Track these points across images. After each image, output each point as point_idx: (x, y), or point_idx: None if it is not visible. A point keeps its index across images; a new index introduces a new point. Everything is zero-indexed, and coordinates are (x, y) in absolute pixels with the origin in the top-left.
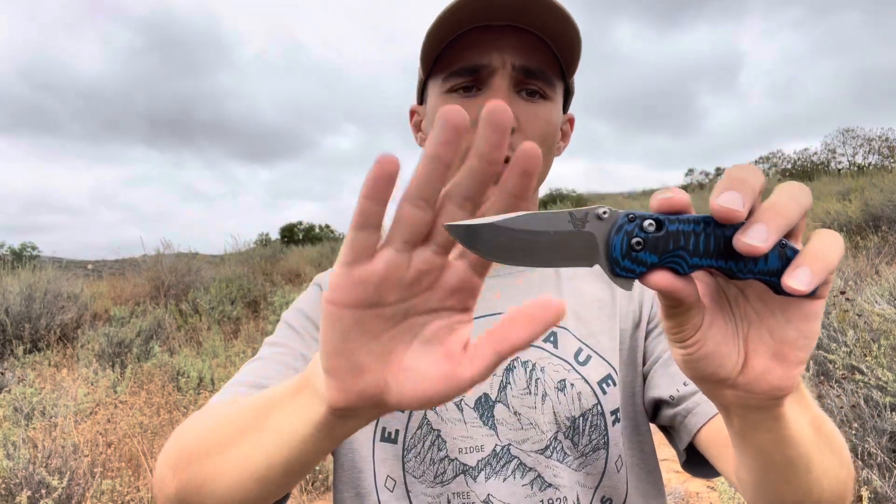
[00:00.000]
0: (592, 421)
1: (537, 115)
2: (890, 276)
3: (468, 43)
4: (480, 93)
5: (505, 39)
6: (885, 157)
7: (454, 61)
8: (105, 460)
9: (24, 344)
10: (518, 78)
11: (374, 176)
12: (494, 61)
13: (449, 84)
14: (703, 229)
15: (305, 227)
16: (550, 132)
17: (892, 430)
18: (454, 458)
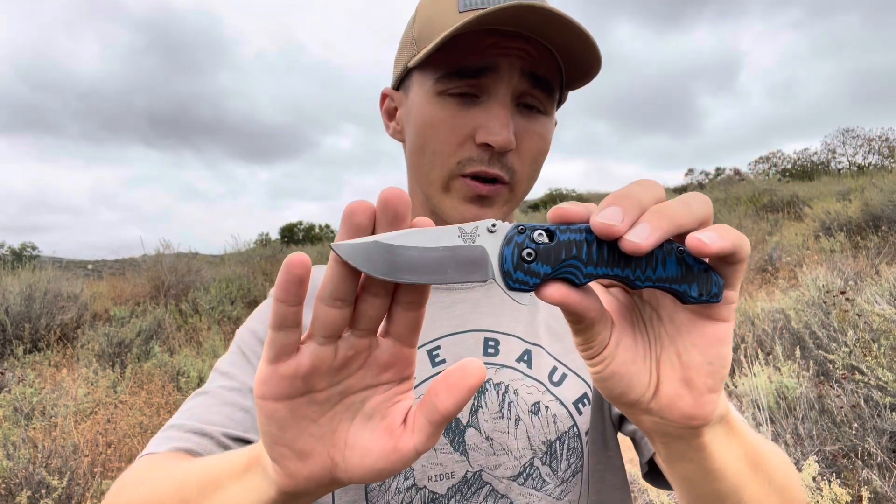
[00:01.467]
0: (569, 444)
1: (534, 132)
2: (890, 276)
3: (472, 44)
4: (479, 102)
5: (513, 44)
6: (885, 157)
7: (454, 60)
8: (105, 460)
9: (24, 344)
10: (523, 87)
11: (285, 280)
12: (501, 65)
13: (444, 86)
14: (596, 238)
15: (305, 227)
16: (544, 147)
17: (892, 430)
18: (422, 486)
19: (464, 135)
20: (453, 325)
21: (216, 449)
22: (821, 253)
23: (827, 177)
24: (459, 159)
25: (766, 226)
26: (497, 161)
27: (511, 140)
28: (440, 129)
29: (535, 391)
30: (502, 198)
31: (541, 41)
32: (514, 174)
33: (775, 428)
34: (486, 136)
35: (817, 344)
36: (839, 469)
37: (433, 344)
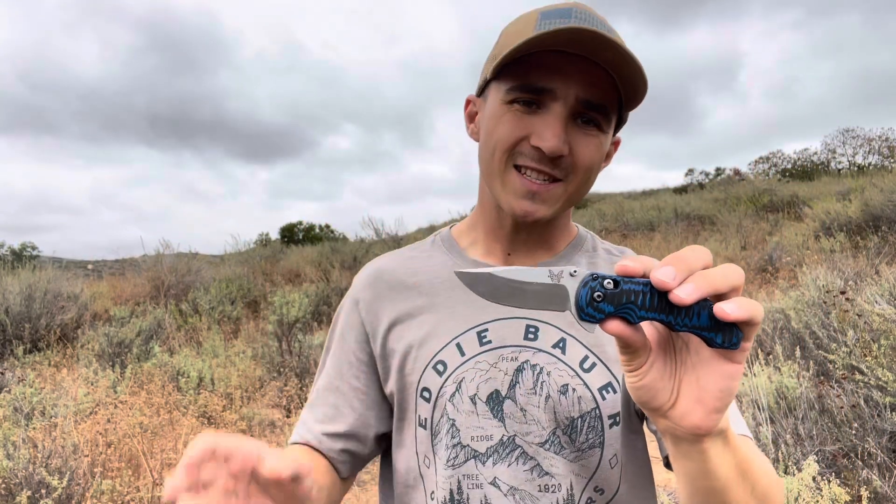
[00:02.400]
0: (590, 423)
1: (588, 145)
2: (890, 276)
3: (539, 62)
4: (539, 112)
5: (574, 68)
6: (885, 157)
7: (521, 76)
8: (105, 460)
9: (24, 344)
10: (578, 108)
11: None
12: (559, 88)
13: (511, 96)
14: (650, 290)
15: (305, 226)
16: (597, 161)
17: (892, 430)
18: (466, 444)
19: (521, 135)
20: (501, 310)
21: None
22: (821, 253)
23: (827, 177)
24: (512, 151)
25: (766, 226)
26: (549, 162)
27: (559, 147)
28: (504, 127)
29: (565, 375)
30: (554, 197)
31: (600, 64)
32: (569, 174)
33: (775, 428)
34: (538, 140)
35: (817, 344)
36: (839, 469)
37: (482, 326)
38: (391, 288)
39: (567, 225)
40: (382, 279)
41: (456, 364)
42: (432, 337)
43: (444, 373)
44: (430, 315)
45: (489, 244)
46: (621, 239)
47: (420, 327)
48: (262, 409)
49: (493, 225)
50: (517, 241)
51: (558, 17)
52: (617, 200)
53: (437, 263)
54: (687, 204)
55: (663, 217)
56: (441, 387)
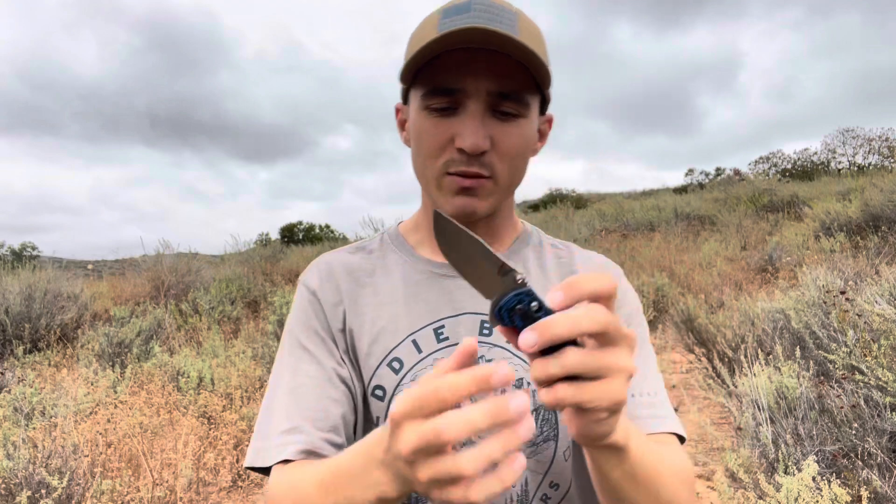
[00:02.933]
0: (544, 415)
1: (510, 134)
2: (890, 276)
3: (446, 64)
4: (456, 113)
5: (480, 63)
6: (885, 157)
7: (432, 79)
8: (105, 460)
9: (24, 344)
10: (492, 101)
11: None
12: (469, 86)
13: (427, 101)
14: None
15: (305, 226)
16: (523, 147)
17: (892, 430)
18: None
19: (444, 141)
20: (456, 307)
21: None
22: (821, 253)
23: (827, 177)
24: (444, 160)
25: (766, 226)
26: (476, 161)
27: (479, 144)
28: (427, 137)
29: (520, 369)
30: (486, 190)
31: (506, 55)
32: (495, 170)
33: (775, 428)
34: (460, 142)
35: (817, 344)
36: (839, 469)
37: (439, 323)
38: (346, 282)
39: (512, 221)
40: (339, 273)
41: (413, 361)
42: (387, 333)
43: (400, 370)
44: (385, 311)
45: (435, 243)
46: (621, 239)
47: (374, 323)
48: None
49: None
50: None
51: (458, 13)
52: (617, 200)
53: (390, 262)
54: (687, 204)
55: (663, 217)
56: (397, 385)
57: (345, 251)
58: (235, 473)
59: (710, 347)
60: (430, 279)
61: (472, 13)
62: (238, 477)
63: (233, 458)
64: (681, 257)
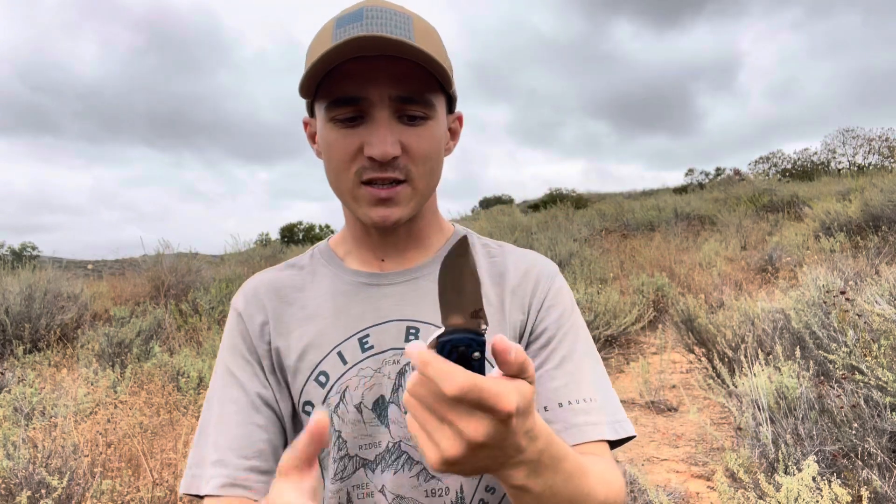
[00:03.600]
0: None
1: (420, 137)
2: (890, 276)
3: (346, 73)
4: (363, 122)
5: (380, 70)
6: (885, 157)
7: (334, 90)
8: (105, 460)
9: (24, 344)
10: (397, 106)
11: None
12: (372, 94)
13: (332, 113)
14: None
15: (305, 227)
16: (435, 148)
17: (892, 430)
18: (354, 454)
19: (354, 150)
20: (380, 315)
21: (253, 474)
22: (821, 253)
23: (827, 177)
24: (356, 169)
25: (766, 226)
26: (389, 167)
27: (388, 151)
28: (336, 149)
29: None
30: (404, 197)
31: (404, 59)
32: (410, 174)
33: (775, 428)
34: (369, 150)
35: (817, 344)
36: (839, 469)
37: (363, 332)
38: (274, 301)
39: (438, 224)
40: (264, 293)
41: (339, 373)
42: (312, 348)
43: (326, 384)
44: (312, 326)
45: (361, 253)
46: (621, 239)
47: (301, 339)
48: None
49: (360, 234)
50: (387, 245)
51: (350, 22)
52: (617, 200)
53: (319, 276)
54: (687, 204)
55: (663, 217)
56: (324, 399)
57: (276, 269)
58: None
59: (710, 347)
60: (356, 289)
61: (364, 21)
62: None
63: None
64: (681, 257)
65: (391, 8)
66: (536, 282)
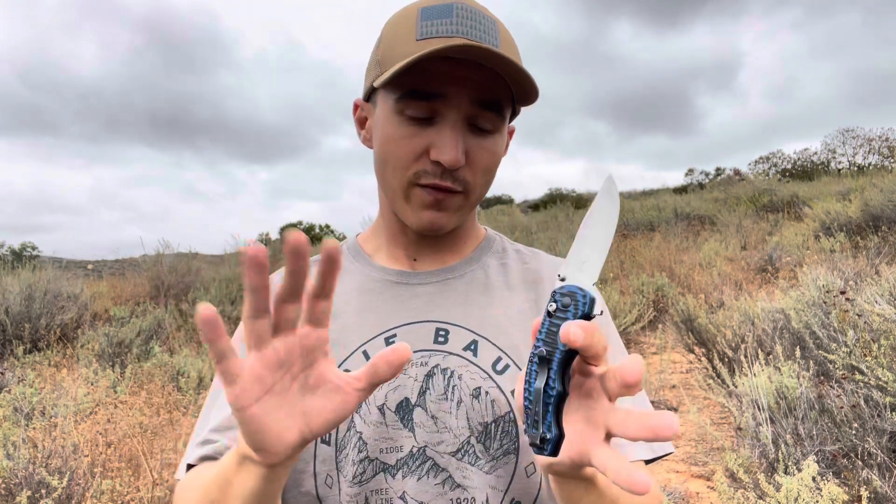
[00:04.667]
0: (504, 427)
1: (485, 149)
2: (890, 276)
3: (427, 68)
4: (433, 123)
5: (463, 71)
6: (885, 157)
7: (411, 83)
8: (105, 460)
9: (24, 344)
10: (473, 111)
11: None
12: (451, 93)
13: (402, 106)
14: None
15: (305, 227)
16: (496, 162)
17: (892, 430)
18: (374, 458)
19: (419, 151)
20: (409, 315)
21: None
22: (821, 253)
23: (827, 177)
24: (415, 171)
25: (766, 226)
26: (449, 175)
27: (458, 159)
28: (399, 145)
29: (478, 377)
30: (456, 204)
31: (490, 67)
32: (468, 185)
33: (775, 428)
34: (437, 154)
35: (817, 344)
36: (839, 469)
37: (390, 332)
38: None
39: (473, 227)
40: None
41: None
42: (336, 345)
43: None
44: (337, 323)
45: (392, 250)
46: (621, 239)
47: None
48: None
49: (396, 232)
50: (422, 245)
51: (438, 16)
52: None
53: (346, 272)
54: (687, 204)
55: (663, 217)
56: None
57: None
58: None
59: (710, 347)
60: (385, 287)
61: (454, 19)
62: None
63: None
64: (681, 257)
65: (479, 9)
66: None
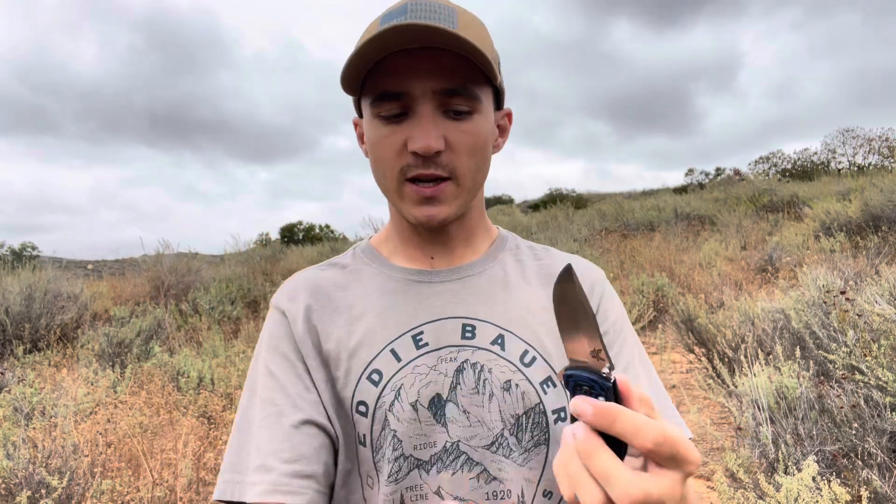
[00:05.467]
0: (535, 419)
1: (464, 132)
2: (890, 276)
3: (389, 68)
4: (407, 118)
5: (422, 63)
6: (885, 157)
7: (378, 86)
8: (105, 460)
9: (24, 344)
10: (441, 100)
11: None
12: (415, 89)
13: (377, 109)
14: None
15: (305, 227)
16: (480, 143)
17: (892, 430)
18: (409, 454)
19: (398, 147)
20: (434, 312)
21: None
22: (821, 253)
23: (827, 177)
24: (401, 167)
25: (766, 226)
26: (432, 163)
27: (431, 145)
28: (382, 145)
29: (507, 370)
30: (448, 193)
31: (448, 51)
32: (454, 170)
33: (775, 428)
34: (412, 144)
35: (817, 344)
36: (839, 469)
37: (417, 329)
38: (318, 300)
39: (485, 226)
40: (308, 291)
41: (392, 371)
42: (364, 346)
43: (379, 382)
44: (361, 324)
45: (408, 251)
46: (621, 239)
47: (350, 338)
48: None
49: (409, 233)
50: (437, 243)
51: (395, 17)
52: (617, 200)
53: (364, 275)
54: (687, 204)
55: (663, 217)
56: (378, 397)
57: (316, 268)
58: None
59: (710, 347)
60: (406, 287)
61: (409, 14)
62: None
63: None
64: (681, 257)
65: (436, 1)
66: (592, 286)
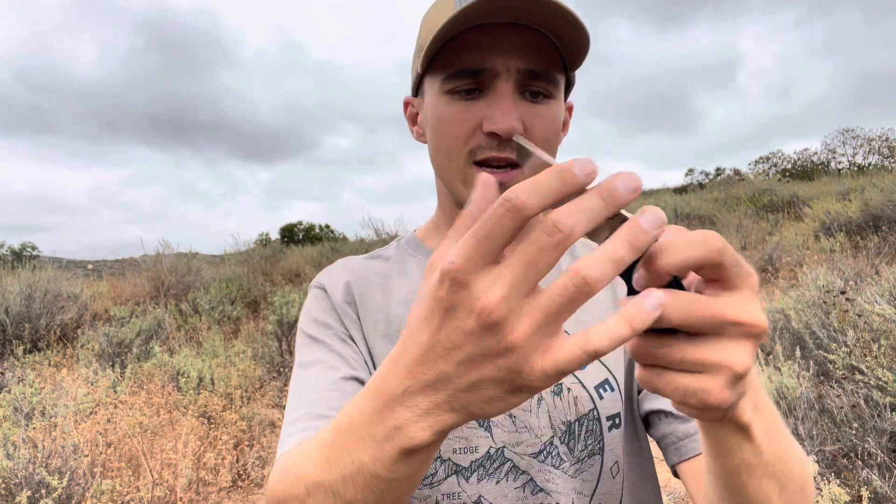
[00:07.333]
0: (588, 426)
1: (542, 116)
2: (890, 276)
3: (469, 43)
4: (483, 95)
5: (507, 40)
6: (885, 157)
7: (455, 61)
8: (105, 460)
9: (24, 344)
10: (522, 81)
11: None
12: (498, 65)
13: (449, 85)
14: None
15: (305, 227)
16: (555, 130)
17: (892, 430)
18: (447, 458)
19: (472, 126)
20: None
21: None
22: (821, 253)
23: (827, 177)
24: (470, 148)
25: (766, 226)
26: (507, 146)
27: (514, 126)
28: (450, 123)
29: None
30: (519, 182)
31: (534, 27)
32: None
33: None
34: (490, 125)
35: (817, 344)
36: (839, 469)
37: None
38: (359, 285)
39: None
40: (350, 274)
41: None
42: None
43: None
44: (402, 311)
45: None
46: None
47: (390, 324)
48: (262, 409)
49: None
50: None
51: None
52: None
53: (408, 266)
54: (687, 204)
55: None
56: None
57: (358, 258)
58: (235, 473)
59: None
60: None
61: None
62: (238, 477)
63: (233, 458)
64: None
65: None
66: None
